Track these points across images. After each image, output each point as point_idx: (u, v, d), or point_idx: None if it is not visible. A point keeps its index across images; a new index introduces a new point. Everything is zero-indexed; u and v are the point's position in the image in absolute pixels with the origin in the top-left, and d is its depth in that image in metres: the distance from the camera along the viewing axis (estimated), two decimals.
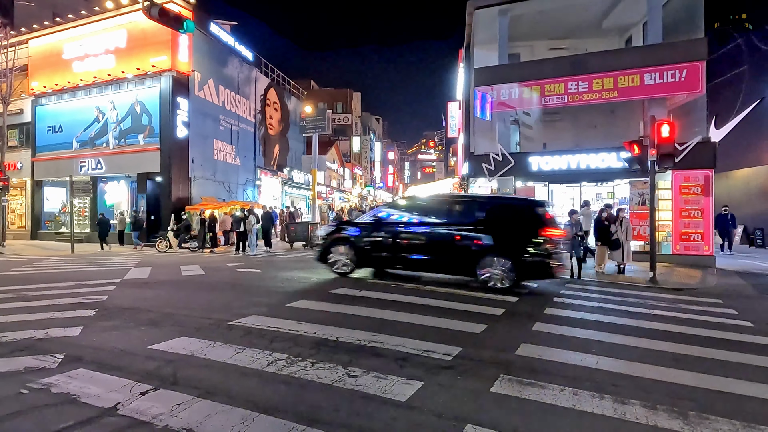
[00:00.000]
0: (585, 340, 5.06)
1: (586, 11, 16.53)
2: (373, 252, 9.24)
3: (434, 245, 8.71)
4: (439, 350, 4.48)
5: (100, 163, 21.68)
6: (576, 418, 3.11)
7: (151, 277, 9.83)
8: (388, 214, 9.74)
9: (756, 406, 3.41)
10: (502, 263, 8.10)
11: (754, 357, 4.64)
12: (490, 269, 8.17)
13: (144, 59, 20.32)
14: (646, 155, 10.19)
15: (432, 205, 9.72)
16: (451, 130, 33.43)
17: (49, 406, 3.15)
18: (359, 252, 9.32)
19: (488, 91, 16.04)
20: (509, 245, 8.17)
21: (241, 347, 4.48)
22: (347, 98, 56.82)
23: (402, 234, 9.05)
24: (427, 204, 9.95)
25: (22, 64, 22.05)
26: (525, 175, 15.70)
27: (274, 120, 30.45)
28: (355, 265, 9.41)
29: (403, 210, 9.74)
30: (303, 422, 2.91)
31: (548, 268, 8.04)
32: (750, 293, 9.14)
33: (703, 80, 13.37)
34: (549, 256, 8.01)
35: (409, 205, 10.04)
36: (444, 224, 8.84)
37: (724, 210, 16.75)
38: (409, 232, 9.06)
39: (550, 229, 8.12)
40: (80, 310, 6.21)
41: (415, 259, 8.88)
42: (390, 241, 9.09)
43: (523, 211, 8.69)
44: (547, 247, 8.02)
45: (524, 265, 8.07)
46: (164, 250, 16.75)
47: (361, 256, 9.33)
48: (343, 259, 9.45)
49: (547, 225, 8.19)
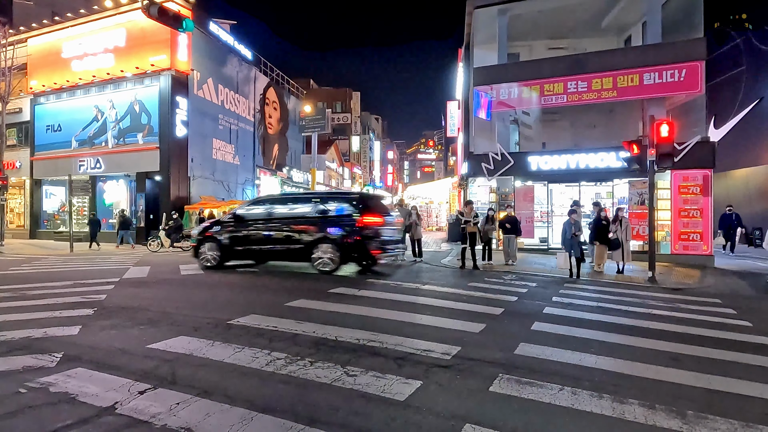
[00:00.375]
0: (584, 340, 5.06)
1: (585, 11, 16.54)
2: (233, 246, 10.35)
3: (277, 238, 9.98)
4: (438, 349, 4.48)
5: (99, 162, 21.66)
6: (575, 417, 3.11)
7: (150, 277, 9.81)
8: (245, 213, 10.77)
9: (755, 405, 3.41)
10: (329, 249, 9.45)
11: (753, 357, 4.65)
12: (321, 255, 9.51)
13: (143, 58, 20.29)
14: (645, 155, 10.20)
15: (277, 202, 10.96)
16: (451, 130, 33.45)
17: (47, 405, 3.14)
18: (222, 248, 10.41)
19: (487, 91, 16.05)
20: (333, 234, 9.47)
21: (239, 346, 4.48)
22: (346, 98, 56.75)
23: (253, 230, 10.26)
24: (273, 201, 11.17)
25: (21, 63, 22.00)
26: (524, 175, 15.71)
27: (273, 119, 30.43)
28: (220, 259, 10.45)
29: (256, 207, 10.81)
30: (302, 421, 2.90)
31: (366, 252, 9.48)
32: (749, 293, 9.15)
33: (702, 80, 13.39)
34: (368, 241, 9.39)
35: (260, 203, 11.15)
36: (285, 219, 10.05)
37: (728, 210, 16.40)
38: (259, 227, 10.25)
39: (367, 218, 9.45)
40: (79, 309, 6.20)
41: (265, 250, 10.17)
42: (245, 236, 10.25)
43: (344, 202, 9.98)
44: (365, 233, 9.36)
45: (346, 250, 9.41)
46: (156, 250, 16.64)
47: (224, 251, 10.43)
48: (209, 254, 10.52)
49: (366, 214, 9.49)
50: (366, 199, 10.11)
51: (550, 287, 8.94)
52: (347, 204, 9.84)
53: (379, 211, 9.97)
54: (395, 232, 10.62)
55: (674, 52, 13.73)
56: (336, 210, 9.83)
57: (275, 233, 10.01)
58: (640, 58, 14.15)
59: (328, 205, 10.04)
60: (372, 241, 9.45)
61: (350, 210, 9.65)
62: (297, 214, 10.06)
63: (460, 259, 11.92)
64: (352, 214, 9.53)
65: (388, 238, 10.00)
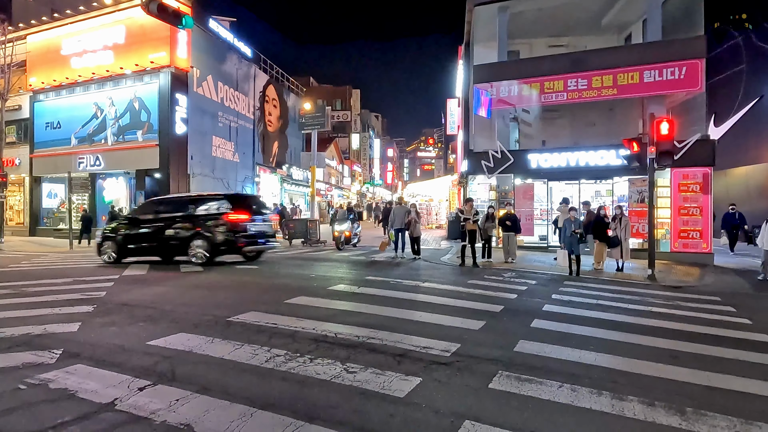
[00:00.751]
0: (583, 337, 5.06)
1: (585, 8, 16.50)
2: (126, 245, 11.47)
3: (161, 236, 11.10)
4: (438, 347, 4.48)
5: (98, 160, 21.62)
6: (574, 414, 3.11)
7: (150, 274, 9.81)
8: (136, 216, 12.06)
9: (754, 402, 3.42)
10: (202, 244, 10.61)
11: (752, 354, 4.65)
12: (195, 249, 10.65)
13: (142, 55, 20.23)
14: (645, 153, 10.19)
15: (164, 205, 12.06)
16: (451, 128, 33.40)
17: (47, 402, 3.15)
18: (118, 246, 11.52)
19: (487, 89, 16.02)
20: (205, 230, 10.64)
21: (239, 343, 4.48)
22: (346, 95, 56.68)
23: (143, 230, 11.42)
24: (160, 203, 12.35)
25: (20, 60, 21.93)
26: (524, 173, 15.70)
27: (273, 117, 30.39)
28: (117, 256, 11.51)
29: (146, 210, 12.06)
30: (301, 418, 2.91)
31: (234, 245, 10.62)
32: (748, 291, 9.16)
33: (703, 78, 13.36)
34: (234, 236, 10.55)
35: (150, 206, 12.40)
36: (168, 219, 11.15)
37: (731, 208, 16.13)
38: (147, 228, 11.38)
39: (233, 215, 10.57)
40: (78, 306, 6.21)
41: (152, 247, 11.31)
42: (135, 235, 11.41)
43: (215, 202, 11.13)
44: (233, 229, 10.54)
45: (216, 244, 10.56)
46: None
47: (120, 248, 11.51)
48: (108, 251, 11.59)
49: (233, 212, 10.60)
50: (234, 199, 11.35)
51: (550, 285, 8.95)
52: (217, 204, 11.04)
53: (247, 209, 11.08)
54: (265, 228, 11.70)
55: (674, 50, 13.71)
56: (207, 209, 11.05)
57: (160, 232, 11.18)
58: (641, 56, 14.12)
59: (202, 205, 11.29)
60: (238, 235, 10.63)
61: (220, 209, 10.83)
62: (178, 214, 11.18)
63: (459, 256, 11.93)
64: (221, 212, 10.72)
65: (255, 233, 11.12)
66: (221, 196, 11.61)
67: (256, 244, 11.21)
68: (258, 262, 12.04)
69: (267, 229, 11.77)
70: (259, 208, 11.70)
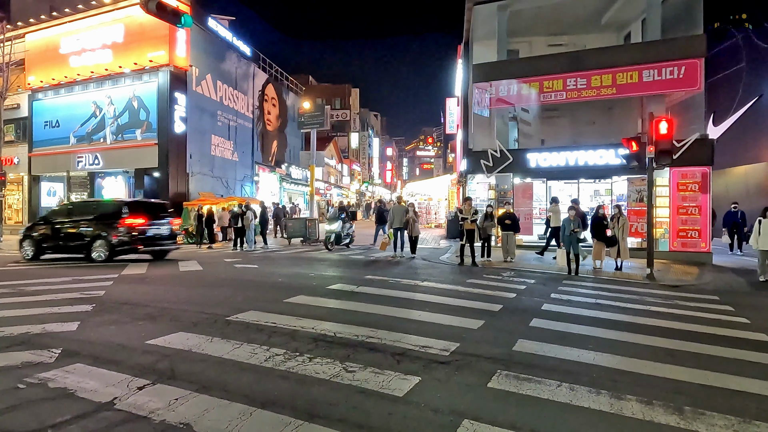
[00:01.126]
0: (582, 336, 5.07)
1: (584, 7, 16.48)
2: (41, 243, 12.48)
3: (70, 236, 12.24)
4: (437, 346, 4.49)
5: (97, 159, 21.61)
6: (573, 413, 3.12)
7: (149, 273, 9.81)
8: (50, 217, 13.10)
9: (751, 401, 3.42)
10: (102, 244, 11.71)
11: (750, 353, 4.66)
12: (97, 248, 11.74)
13: (141, 54, 20.22)
14: (644, 152, 10.19)
15: (75, 209, 13.47)
16: (450, 127, 33.40)
17: (46, 401, 3.15)
18: (35, 244, 12.54)
19: (487, 88, 16.01)
20: (105, 232, 11.75)
21: (238, 342, 4.48)
22: (345, 94, 56.61)
23: (56, 230, 12.42)
24: (72, 206, 14.00)
25: (18, 59, 21.90)
26: (523, 172, 15.70)
27: (272, 116, 30.37)
28: (34, 253, 12.50)
29: (60, 213, 13.19)
30: (301, 417, 2.91)
31: (131, 245, 11.74)
32: (746, 290, 9.17)
33: (702, 77, 13.35)
34: (130, 237, 11.70)
35: (63, 209, 13.70)
36: (77, 222, 12.32)
37: (733, 207, 15.98)
38: (59, 229, 12.39)
39: (130, 220, 11.78)
40: (77, 305, 6.20)
41: (61, 246, 12.34)
42: (49, 235, 12.45)
43: (114, 208, 12.34)
44: (129, 232, 11.71)
45: (113, 244, 11.66)
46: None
47: (36, 246, 12.51)
48: (27, 249, 12.64)
49: (131, 216, 11.81)
50: (132, 205, 12.62)
51: (549, 284, 8.96)
52: (117, 209, 12.11)
53: (144, 214, 12.28)
54: (164, 231, 12.74)
55: (674, 49, 13.70)
56: (109, 213, 12.09)
57: (70, 232, 12.31)
58: (640, 55, 14.11)
59: (104, 210, 12.50)
60: (134, 237, 11.76)
61: (119, 213, 11.86)
62: (84, 217, 12.34)
63: (458, 255, 11.94)
64: (120, 217, 11.77)
65: (152, 235, 12.27)
66: (122, 202, 13.06)
67: (154, 245, 12.37)
68: (257, 261, 12.05)
69: (165, 232, 12.84)
70: (157, 213, 12.84)
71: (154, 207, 13.35)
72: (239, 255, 13.93)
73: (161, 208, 13.40)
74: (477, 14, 17.23)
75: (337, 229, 15.20)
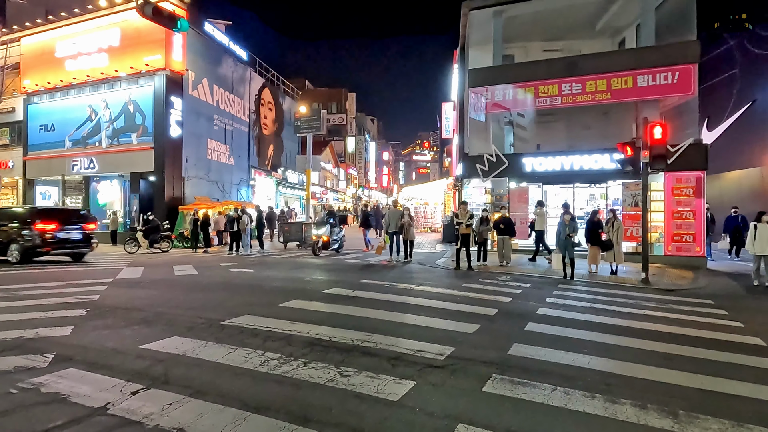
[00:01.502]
0: (577, 340, 5.08)
1: (579, 13, 16.62)
2: None
3: None
4: (432, 350, 4.48)
5: (92, 162, 21.53)
6: (567, 417, 3.12)
7: (144, 277, 9.77)
8: None
9: (745, 405, 3.44)
10: (16, 247, 12.64)
11: (744, 357, 4.68)
12: (13, 251, 12.63)
13: (138, 58, 20.20)
14: (639, 157, 10.25)
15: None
16: (446, 131, 33.50)
17: (39, 406, 3.12)
18: None
19: (483, 92, 16.10)
20: (18, 236, 12.68)
21: (233, 347, 4.47)
22: (342, 98, 56.70)
23: None
24: None
25: (14, 62, 21.85)
26: (519, 176, 15.76)
27: (268, 120, 30.37)
28: None
29: None
30: (295, 421, 2.90)
31: (43, 248, 12.64)
32: (740, 294, 9.22)
33: (695, 83, 13.48)
34: (42, 241, 12.60)
35: None
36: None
37: (733, 212, 15.94)
38: None
39: (41, 225, 12.69)
40: (71, 310, 6.17)
41: None
42: None
43: (29, 214, 13.28)
44: (41, 236, 12.59)
45: (27, 247, 12.59)
46: (133, 251, 16.39)
47: None
48: None
49: (41, 222, 12.73)
50: (45, 211, 13.81)
51: (544, 288, 8.97)
52: (30, 215, 13.09)
53: (56, 220, 13.15)
54: (76, 235, 13.51)
55: (667, 55, 13.82)
56: (23, 219, 12.99)
57: None
58: (634, 61, 14.24)
59: (20, 216, 13.35)
60: (47, 241, 12.65)
61: (32, 219, 12.77)
62: (2, 222, 13.20)
63: (454, 260, 11.94)
64: (33, 222, 12.67)
65: (62, 238, 13.09)
66: (34, 209, 14.23)
67: (65, 248, 13.28)
68: (253, 265, 12.02)
69: (77, 236, 13.65)
70: (70, 219, 13.67)
71: (66, 213, 14.42)
72: (235, 259, 13.89)
73: (74, 214, 14.38)
74: (473, 19, 17.34)
75: (324, 233, 15.08)
